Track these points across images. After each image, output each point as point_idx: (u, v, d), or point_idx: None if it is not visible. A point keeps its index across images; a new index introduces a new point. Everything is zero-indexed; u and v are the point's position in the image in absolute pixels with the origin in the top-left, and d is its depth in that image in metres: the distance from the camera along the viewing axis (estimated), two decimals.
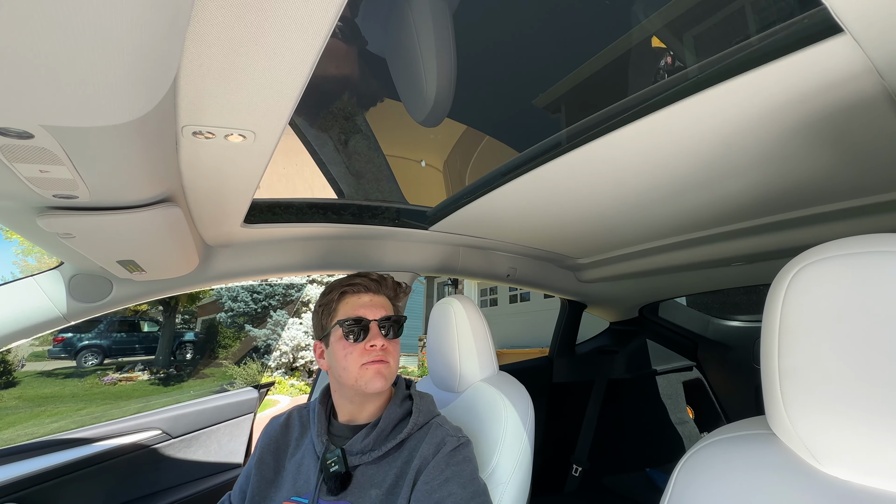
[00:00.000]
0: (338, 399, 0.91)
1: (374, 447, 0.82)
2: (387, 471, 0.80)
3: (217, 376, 10.04)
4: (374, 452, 0.81)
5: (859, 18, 0.49)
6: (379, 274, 0.94)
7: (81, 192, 0.56)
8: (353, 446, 0.82)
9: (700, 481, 0.57)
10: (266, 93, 0.52)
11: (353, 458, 0.81)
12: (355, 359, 0.84)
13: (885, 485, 0.45)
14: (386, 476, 0.79)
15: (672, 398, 2.51)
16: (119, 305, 1.13)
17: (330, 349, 0.88)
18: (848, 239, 0.49)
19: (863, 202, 1.00)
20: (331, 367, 0.89)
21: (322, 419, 0.90)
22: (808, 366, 0.48)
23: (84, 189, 0.55)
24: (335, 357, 0.87)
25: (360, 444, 0.82)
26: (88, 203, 0.61)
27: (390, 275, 0.97)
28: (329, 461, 0.80)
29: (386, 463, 0.81)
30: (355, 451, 0.82)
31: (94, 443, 1.41)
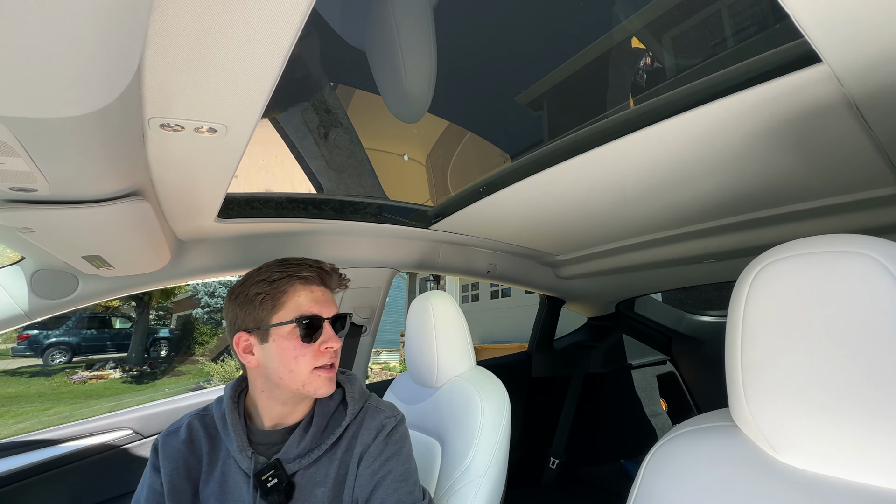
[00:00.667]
0: (264, 402, 0.79)
1: (313, 447, 0.76)
2: (328, 466, 0.76)
3: (193, 373, 9.82)
4: (314, 453, 0.75)
5: (819, 26, 0.51)
6: (322, 264, 0.82)
7: (40, 186, 0.54)
8: (288, 453, 0.75)
9: (667, 471, 0.59)
10: (236, 86, 0.50)
11: (290, 465, 0.74)
12: (308, 362, 0.74)
13: (835, 472, 0.47)
14: (329, 471, 0.75)
15: (646, 391, 2.59)
16: (86, 302, 1.09)
17: (269, 346, 0.75)
18: (807, 239, 0.51)
19: (824, 203, 1.05)
20: (266, 365, 0.76)
21: (238, 428, 0.77)
22: (768, 360, 0.50)
23: (43, 182, 0.52)
24: (279, 356, 0.74)
25: (296, 448, 0.75)
26: (49, 196, 0.58)
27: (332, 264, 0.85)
28: (265, 476, 0.72)
29: (326, 458, 0.76)
30: (292, 456, 0.74)
31: (61, 444, 1.36)
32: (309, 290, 0.78)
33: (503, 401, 1.05)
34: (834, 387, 0.45)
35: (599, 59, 1.15)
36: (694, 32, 1.02)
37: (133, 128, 0.53)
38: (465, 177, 1.56)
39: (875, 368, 0.43)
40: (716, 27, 0.96)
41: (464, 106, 1.42)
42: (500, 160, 1.55)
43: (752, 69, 0.68)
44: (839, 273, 0.46)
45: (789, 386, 0.48)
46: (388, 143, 1.52)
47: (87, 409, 7.14)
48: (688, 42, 1.04)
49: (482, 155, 1.54)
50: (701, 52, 1.00)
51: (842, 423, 0.45)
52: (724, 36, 0.96)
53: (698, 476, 0.56)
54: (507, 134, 1.48)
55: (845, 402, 0.44)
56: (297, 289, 0.77)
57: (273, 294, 0.75)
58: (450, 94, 1.23)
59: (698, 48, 1.00)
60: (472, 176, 1.57)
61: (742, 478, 0.52)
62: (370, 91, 1.25)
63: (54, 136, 0.42)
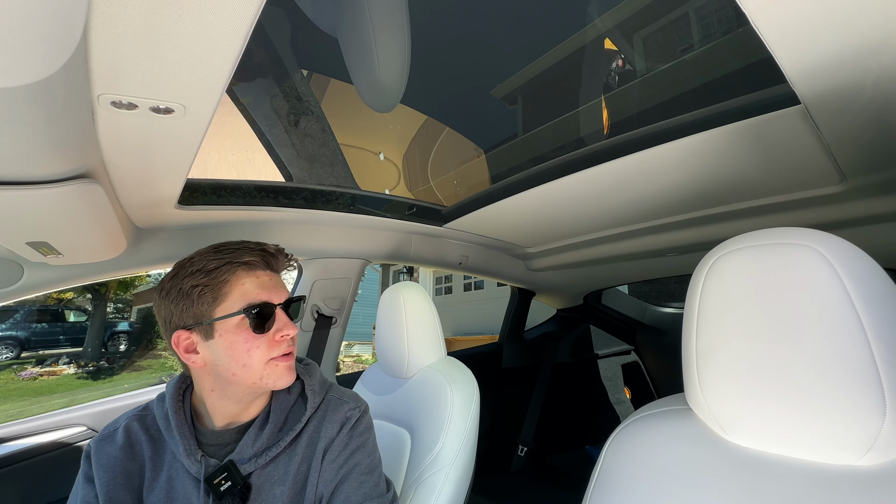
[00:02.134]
0: (214, 401, 0.72)
1: (270, 444, 0.71)
2: (288, 463, 0.71)
3: (156, 368, 9.43)
4: (271, 451, 0.70)
5: (774, 27, 0.53)
6: (266, 246, 0.75)
7: None
8: (242, 453, 0.69)
9: (627, 453, 0.62)
10: (194, 62, 0.48)
11: (245, 466, 0.68)
12: (262, 353, 0.68)
13: (776, 450, 0.51)
14: (288, 468, 0.71)
15: (611, 380, 2.68)
16: (32, 292, 1.03)
17: (215, 342, 0.68)
18: (758, 232, 0.54)
19: (776, 200, 1.11)
20: (215, 363, 0.69)
21: (184, 430, 0.71)
22: (720, 346, 0.52)
23: None
24: (229, 352, 0.68)
25: (251, 448, 0.70)
26: None
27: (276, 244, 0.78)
28: (217, 480, 0.66)
29: (286, 455, 0.71)
30: (247, 457, 0.69)
31: (10, 442, 1.28)
32: (254, 275, 0.70)
33: (472, 390, 1.07)
34: (776, 371, 0.48)
35: (573, 56, 1.17)
36: (663, 34, 1.06)
37: (80, 104, 0.49)
38: (442, 171, 1.55)
39: (811, 353, 0.46)
40: (684, 29, 0.99)
41: (437, 98, 1.41)
42: (475, 154, 1.56)
43: (715, 76, 0.71)
44: (785, 264, 0.49)
45: (738, 370, 0.51)
46: (359, 133, 1.50)
47: (37, 407, 6.74)
48: (657, 43, 1.07)
49: (456, 149, 1.54)
50: (669, 55, 1.03)
51: (781, 405, 0.48)
52: (692, 41, 1.00)
53: (654, 457, 0.58)
54: (481, 127, 1.49)
55: (785, 385, 0.47)
56: (240, 276, 0.69)
57: (213, 285, 0.68)
58: (423, 85, 1.21)
59: (667, 50, 1.03)
60: (448, 169, 1.57)
61: (694, 457, 0.55)
62: (343, 79, 1.22)
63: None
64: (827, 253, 0.48)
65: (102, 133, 0.59)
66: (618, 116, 1.27)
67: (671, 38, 1.05)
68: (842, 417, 0.45)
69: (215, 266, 0.68)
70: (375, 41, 0.94)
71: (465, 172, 1.57)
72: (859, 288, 0.45)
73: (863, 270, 0.47)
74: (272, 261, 0.74)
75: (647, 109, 1.23)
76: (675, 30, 1.02)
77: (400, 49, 0.98)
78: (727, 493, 0.51)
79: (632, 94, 1.17)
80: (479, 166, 1.56)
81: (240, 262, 0.70)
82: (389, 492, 0.75)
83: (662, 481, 0.56)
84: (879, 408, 0.43)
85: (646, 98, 1.18)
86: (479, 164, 1.55)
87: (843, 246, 0.48)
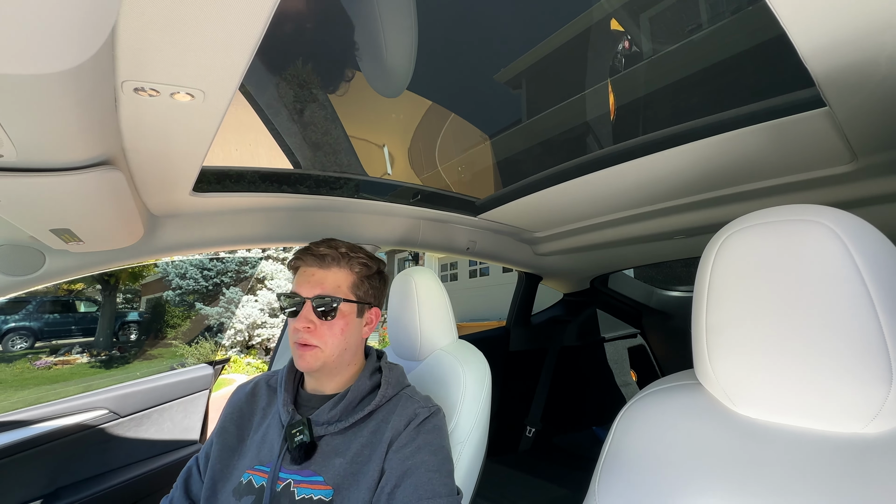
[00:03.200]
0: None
1: (341, 418, 0.82)
2: (352, 440, 0.80)
3: (166, 356, 9.58)
4: (340, 423, 0.81)
5: (789, 3, 0.53)
6: (332, 245, 0.87)
7: (7, 150, 0.51)
8: (319, 417, 0.82)
9: (636, 427, 0.63)
10: (216, 48, 0.49)
11: (318, 429, 0.81)
12: (290, 335, 0.84)
13: (785, 420, 0.52)
14: (351, 445, 0.80)
15: (618, 363, 2.71)
16: (54, 279, 1.05)
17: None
18: (769, 209, 0.55)
19: (786, 180, 1.11)
20: None
21: (290, 388, 0.89)
22: (729, 321, 0.54)
23: (10, 146, 0.50)
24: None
25: (326, 414, 0.82)
26: (15, 163, 0.56)
27: (346, 243, 0.89)
28: (294, 431, 0.79)
29: (352, 433, 0.81)
30: (321, 421, 0.82)
31: (34, 425, 1.33)
32: (304, 270, 0.86)
33: (484, 371, 1.09)
34: (785, 343, 0.49)
35: (579, 38, 1.15)
36: (671, 13, 1.04)
37: (105, 91, 0.51)
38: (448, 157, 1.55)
39: (820, 325, 0.47)
40: (692, 8, 0.98)
41: (441, 82, 1.40)
42: (480, 140, 1.55)
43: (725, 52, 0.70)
44: (796, 240, 0.50)
45: (747, 344, 0.52)
46: (365, 120, 1.49)
47: (55, 395, 6.88)
48: (665, 23, 1.06)
49: (462, 134, 1.53)
50: (677, 34, 1.02)
51: (789, 376, 0.49)
52: (701, 21, 0.98)
53: (664, 431, 0.60)
54: (486, 112, 1.48)
55: (793, 357, 0.48)
56: (298, 269, 0.88)
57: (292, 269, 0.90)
58: (426, 70, 1.21)
59: (675, 29, 1.02)
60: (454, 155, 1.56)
61: (703, 429, 0.57)
62: (350, 65, 1.22)
63: (24, 96, 0.40)
64: (837, 228, 0.48)
65: (124, 120, 0.61)
66: (625, 99, 1.26)
67: (679, 18, 1.03)
68: (849, 386, 0.46)
69: (293, 258, 0.88)
70: (383, 26, 0.94)
71: (469, 159, 1.57)
72: (868, 261, 0.46)
73: (872, 244, 0.47)
74: (315, 261, 0.86)
75: (653, 91, 1.22)
76: (683, 8, 1.01)
77: (407, 33, 0.98)
78: (736, 464, 0.52)
79: (639, 77, 1.16)
80: (483, 152, 1.56)
81: (297, 257, 0.87)
82: (459, 495, 0.78)
83: (672, 454, 0.57)
84: (886, 376, 0.44)
85: (654, 79, 1.17)
86: (483, 150, 1.55)
87: (852, 221, 0.49)
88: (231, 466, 0.84)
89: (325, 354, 0.84)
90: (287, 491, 0.77)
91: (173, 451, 1.64)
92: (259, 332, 9.30)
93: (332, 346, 0.84)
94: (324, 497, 0.76)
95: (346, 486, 0.77)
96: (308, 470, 0.78)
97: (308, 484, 0.77)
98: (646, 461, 0.59)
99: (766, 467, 0.51)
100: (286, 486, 0.77)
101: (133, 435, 1.55)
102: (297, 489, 0.77)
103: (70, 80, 0.41)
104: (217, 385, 1.89)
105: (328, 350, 0.84)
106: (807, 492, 0.47)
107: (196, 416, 1.73)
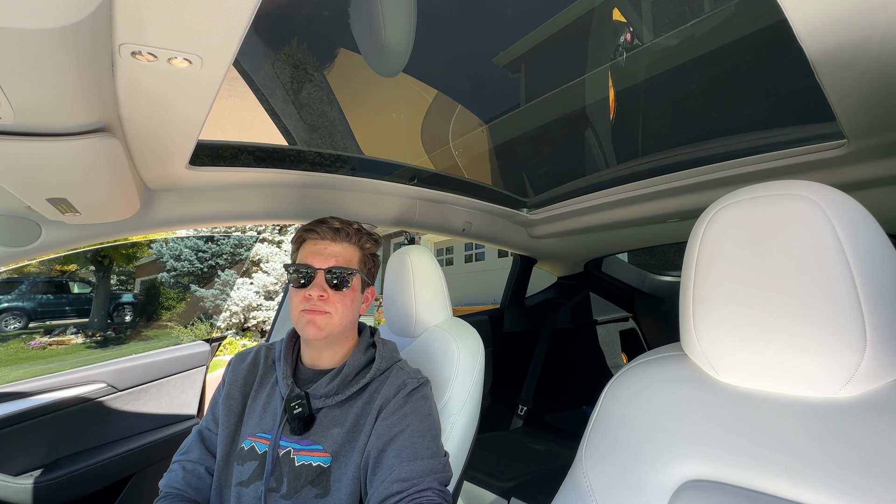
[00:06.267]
0: (301, 342, 0.95)
1: (338, 391, 0.86)
2: (348, 411, 0.84)
3: (162, 338, 9.61)
4: (337, 396, 0.85)
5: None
6: (344, 221, 0.92)
7: (5, 113, 0.51)
8: (317, 390, 0.85)
9: (622, 396, 0.66)
10: (215, 11, 0.48)
11: (317, 401, 0.84)
12: (296, 304, 0.87)
13: (764, 386, 0.54)
14: (347, 416, 0.84)
15: (609, 345, 2.76)
16: (50, 251, 1.05)
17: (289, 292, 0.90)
18: (757, 185, 0.56)
19: (778, 164, 1.12)
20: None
21: (289, 361, 0.92)
22: (715, 292, 0.55)
23: (8, 108, 0.50)
24: (289, 300, 0.90)
25: (324, 388, 0.85)
26: (12, 127, 0.56)
27: (357, 222, 0.95)
28: (293, 403, 0.83)
29: (348, 405, 0.85)
30: (319, 394, 0.85)
31: (33, 396, 1.35)
32: (313, 243, 0.90)
33: (478, 346, 1.11)
34: (765, 312, 0.51)
35: (581, 20, 1.14)
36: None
37: (102, 53, 0.50)
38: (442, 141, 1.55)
39: (799, 295, 0.49)
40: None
41: (438, 65, 1.39)
42: (476, 125, 1.55)
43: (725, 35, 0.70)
44: (781, 213, 0.52)
45: (731, 314, 0.54)
46: (364, 99, 1.48)
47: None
48: (665, 8, 1.05)
49: (457, 119, 1.53)
50: (678, 20, 1.02)
51: (769, 344, 0.51)
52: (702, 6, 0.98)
53: (649, 397, 0.62)
54: (482, 97, 1.47)
55: (772, 325, 0.50)
56: (304, 243, 0.91)
57: (294, 249, 0.94)
58: (423, 51, 1.20)
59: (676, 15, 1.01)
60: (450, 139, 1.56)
61: (686, 396, 0.59)
62: (348, 45, 1.20)
63: (23, 53, 0.40)
64: (821, 201, 0.50)
65: (121, 85, 0.60)
66: (623, 84, 1.26)
67: (679, 3, 1.03)
68: (824, 353, 0.48)
69: (297, 233, 0.92)
70: (381, 4, 0.93)
71: (465, 143, 1.57)
72: (849, 234, 0.48)
73: (853, 217, 0.49)
74: (330, 233, 0.90)
75: (655, 76, 1.22)
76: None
77: (406, 9, 0.97)
78: (716, 427, 0.55)
79: (640, 60, 1.15)
80: (480, 136, 1.56)
81: (307, 230, 0.90)
82: (446, 456, 0.81)
83: (656, 419, 0.60)
84: (860, 343, 0.47)
85: (655, 63, 1.17)
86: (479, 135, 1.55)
87: (835, 195, 0.50)
88: (236, 431, 0.89)
89: (335, 322, 0.87)
90: (287, 458, 0.81)
91: (170, 424, 1.67)
92: (254, 314, 9.33)
93: (341, 314, 0.88)
94: (322, 463, 0.80)
95: (344, 454, 0.81)
96: (307, 440, 0.82)
97: (308, 451, 0.81)
98: (630, 426, 0.61)
99: (745, 431, 0.53)
100: (286, 454, 0.81)
101: (131, 408, 1.57)
102: (296, 456, 0.81)
103: (69, 37, 0.41)
104: (213, 366, 1.92)
105: (337, 318, 0.87)
106: (783, 453, 0.50)
107: (193, 392, 1.75)
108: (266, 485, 0.79)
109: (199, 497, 0.86)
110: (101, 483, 1.43)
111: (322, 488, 0.78)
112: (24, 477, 1.28)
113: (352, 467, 0.79)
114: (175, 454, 0.92)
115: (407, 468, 0.74)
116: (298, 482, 0.78)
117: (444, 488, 0.76)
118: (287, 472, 0.79)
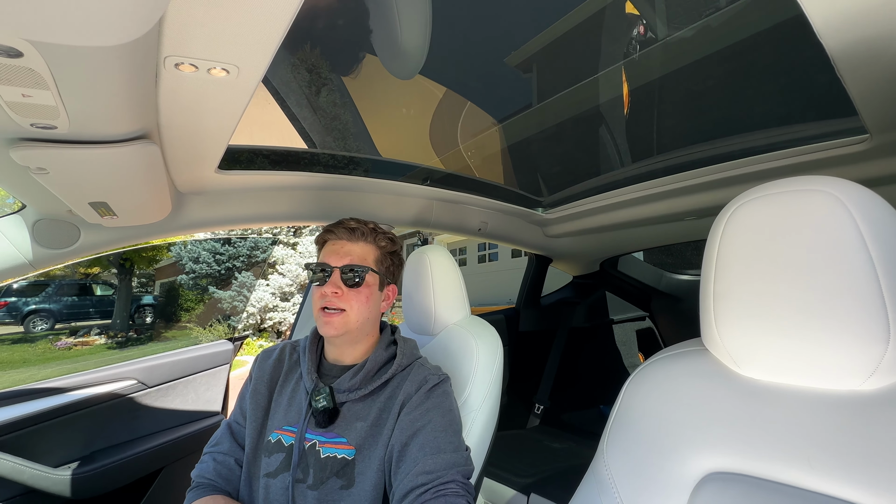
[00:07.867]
0: (324, 339, 0.98)
1: (361, 386, 0.88)
2: (371, 406, 0.87)
3: (181, 338, 9.82)
4: (360, 391, 0.88)
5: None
6: (360, 221, 0.95)
7: (61, 122, 0.55)
8: (341, 385, 0.88)
9: (643, 390, 0.66)
10: (253, 23, 0.51)
11: (340, 396, 0.88)
12: (315, 302, 0.90)
13: (787, 380, 0.55)
14: (370, 410, 0.86)
15: (626, 345, 2.74)
16: (88, 252, 1.11)
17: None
18: (777, 181, 0.57)
19: (798, 160, 1.11)
20: None
21: (313, 357, 0.95)
22: (736, 287, 0.56)
23: (65, 118, 0.54)
24: (311, 298, 0.94)
25: (347, 383, 0.88)
26: (66, 135, 0.60)
27: (373, 222, 0.98)
28: (318, 397, 0.86)
29: (371, 399, 0.88)
30: (343, 389, 0.88)
31: (70, 392, 1.41)
32: (332, 244, 0.94)
33: (496, 344, 1.13)
34: (787, 306, 0.51)
35: (592, 18, 1.15)
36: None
37: (149, 65, 0.54)
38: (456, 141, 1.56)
39: (821, 288, 0.49)
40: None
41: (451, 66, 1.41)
42: (490, 124, 1.56)
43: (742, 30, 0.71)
44: (802, 208, 0.52)
45: (752, 308, 0.54)
46: (384, 104, 1.51)
47: None
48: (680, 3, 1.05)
49: (470, 118, 1.54)
50: (693, 16, 1.01)
51: (791, 338, 0.51)
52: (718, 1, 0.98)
53: (670, 392, 0.63)
54: (494, 97, 1.49)
55: (795, 319, 0.51)
56: (325, 244, 0.95)
57: (318, 245, 0.98)
58: (437, 52, 1.22)
59: (691, 11, 1.01)
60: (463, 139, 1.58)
61: (707, 390, 0.60)
62: (365, 48, 1.23)
63: (83, 68, 0.44)
64: (841, 196, 0.50)
65: (163, 95, 0.64)
66: (637, 81, 1.26)
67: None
68: (847, 345, 0.48)
69: (320, 234, 0.97)
70: (398, 8, 0.96)
71: (480, 143, 1.58)
72: (871, 227, 0.48)
73: (875, 210, 0.49)
74: (346, 233, 0.94)
75: (670, 73, 1.21)
76: None
77: (421, 12, 1.00)
78: (737, 421, 0.55)
79: (654, 57, 1.15)
80: (493, 136, 1.57)
81: (327, 231, 0.95)
82: (467, 451, 0.83)
83: (677, 412, 0.60)
84: (883, 336, 0.47)
85: (670, 60, 1.17)
86: (494, 134, 1.56)
87: (856, 189, 0.51)
88: (263, 425, 0.92)
89: (350, 320, 0.89)
90: (313, 450, 0.84)
91: (197, 420, 1.73)
92: (271, 315, 9.47)
93: (356, 312, 0.90)
94: (347, 455, 0.82)
95: (367, 447, 0.83)
96: (332, 433, 0.85)
97: (333, 444, 0.84)
98: (651, 420, 0.62)
99: (767, 424, 0.53)
100: (312, 446, 0.84)
101: (160, 405, 1.63)
102: (321, 448, 0.84)
103: (126, 53, 0.44)
104: (234, 366, 1.97)
105: (353, 315, 0.90)
106: (805, 445, 0.50)
107: (217, 389, 1.81)
108: (293, 476, 0.82)
109: (229, 487, 0.90)
110: (132, 476, 1.48)
111: (347, 479, 0.81)
112: (62, 469, 1.34)
113: (376, 460, 0.81)
114: (206, 446, 0.96)
115: (431, 461, 0.76)
116: (324, 473, 0.81)
117: (467, 481, 0.78)
118: (313, 464, 0.82)
